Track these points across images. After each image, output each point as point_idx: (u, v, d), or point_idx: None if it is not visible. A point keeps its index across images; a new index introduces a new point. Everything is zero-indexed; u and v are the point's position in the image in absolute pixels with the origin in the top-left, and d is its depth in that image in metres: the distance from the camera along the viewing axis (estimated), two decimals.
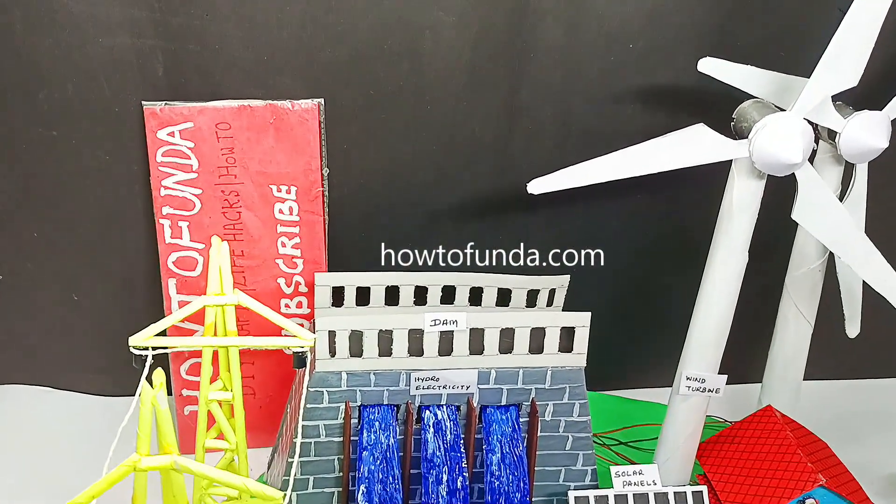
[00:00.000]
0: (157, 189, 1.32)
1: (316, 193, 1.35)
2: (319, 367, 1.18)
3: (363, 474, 1.19)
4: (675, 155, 1.07)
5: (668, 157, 1.07)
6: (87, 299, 1.48)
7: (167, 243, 1.36)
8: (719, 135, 1.09)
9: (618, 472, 1.26)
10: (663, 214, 1.53)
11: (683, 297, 1.52)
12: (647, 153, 1.07)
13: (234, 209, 1.35)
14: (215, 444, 1.21)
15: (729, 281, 1.19)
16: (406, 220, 1.43)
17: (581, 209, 1.49)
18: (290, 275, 1.40)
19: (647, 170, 1.08)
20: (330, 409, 1.20)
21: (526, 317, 1.20)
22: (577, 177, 1.09)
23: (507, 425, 1.27)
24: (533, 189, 1.09)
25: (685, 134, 1.07)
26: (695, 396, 1.24)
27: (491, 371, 1.21)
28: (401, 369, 1.19)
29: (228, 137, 1.31)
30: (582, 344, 1.24)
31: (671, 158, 1.07)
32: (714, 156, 1.08)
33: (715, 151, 1.08)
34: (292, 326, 1.13)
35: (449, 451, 1.21)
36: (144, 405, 0.88)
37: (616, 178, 1.08)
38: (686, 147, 1.07)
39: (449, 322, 1.17)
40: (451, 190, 1.42)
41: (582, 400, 1.28)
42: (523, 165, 1.39)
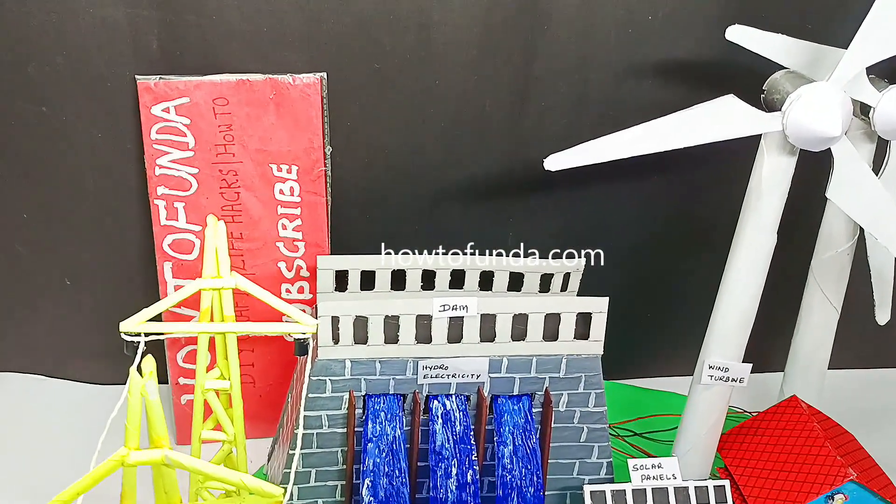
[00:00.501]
0: (152, 168, 1.27)
1: (318, 173, 1.30)
2: (322, 354, 1.13)
3: (368, 467, 1.14)
4: (702, 128, 1.00)
5: (696, 131, 1.00)
6: (79, 284, 1.44)
7: (162, 225, 1.31)
8: (751, 107, 1.01)
9: (636, 466, 1.20)
10: (679, 196, 1.48)
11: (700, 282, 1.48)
12: (673, 127, 1.00)
13: (233, 189, 1.30)
14: (212, 435, 1.16)
15: (756, 264, 1.12)
16: (413, 200, 1.39)
17: (595, 190, 1.44)
18: (292, 258, 1.35)
19: (672, 144, 1.01)
20: (333, 398, 1.16)
21: (540, 302, 1.15)
22: (597, 152, 1.02)
23: (520, 416, 1.21)
24: (550, 165, 1.02)
25: (714, 106, 1.00)
26: (717, 386, 1.19)
27: (503, 359, 1.16)
28: (408, 357, 1.14)
29: (226, 114, 1.25)
30: (599, 331, 1.18)
31: (699, 132, 1.00)
32: (744, 129, 1.01)
33: (746, 125, 1.01)
34: (293, 312, 1.08)
35: (458, 443, 1.16)
36: (133, 395, 0.81)
37: (639, 153, 1.02)
38: (715, 120, 1.00)
39: (459, 307, 1.12)
40: (461, 168, 1.37)
41: (598, 389, 1.22)
42: (536, 142, 1.34)
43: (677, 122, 1.01)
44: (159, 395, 0.82)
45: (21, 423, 1.43)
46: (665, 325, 1.55)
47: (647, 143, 1.02)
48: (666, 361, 1.58)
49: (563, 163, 1.02)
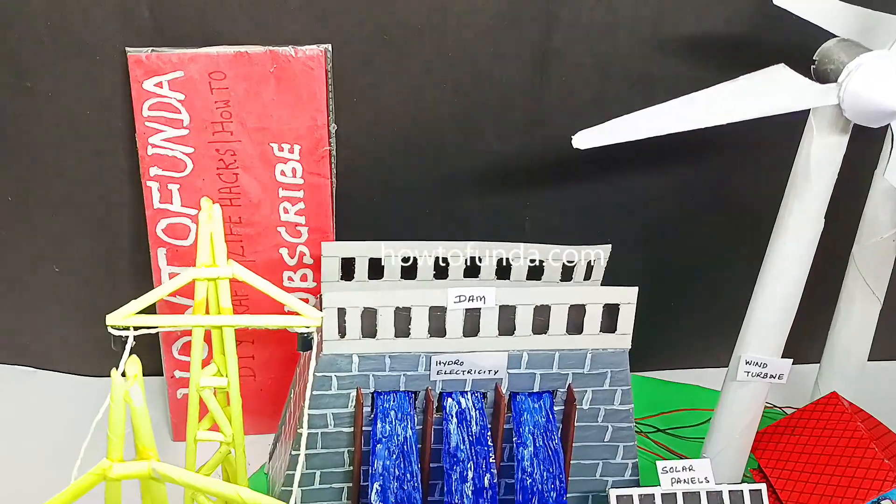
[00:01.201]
0: (144, 147, 1.21)
1: (322, 153, 1.23)
2: (327, 349, 1.07)
3: (377, 470, 1.08)
4: (749, 102, 0.90)
5: (742, 105, 0.90)
6: (68, 271, 1.38)
7: (155, 209, 1.25)
8: (804, 78, 0.91)
9: (665, 468, 1.12)
10: (709, 179, 1.39)
11: (729, 270, 1.43)
12: (717, 100, 0.90)
13: (231, 171, 1.23)
14: (208, 436, 1.06)
15: (801, 251, 1.03)
16: (424, 182, 1.32)
17: (619, 172, 1.35)
18: (294, 244, 1.29)
19: (715, 120, 0.91)
20: (339, 396, 1.09)
21: (563, 292, 1.09)
22: (631, 129, 0.92)
23: (541, 415, 1.13)
24: (579, 143, 0.92)
25: (762, 76, 0.90)
26: (754, 383, 1.11)
27: (522, 354, 1.09)
28: (420, 352, 1.08)
29: (223, 89, 1.19)
30: (627, 323, 1.10)
31: (745, 106, 0.89)
32: (796, 103, 0.91)
33: (798, 98, 0.91)
34: (296, 303, 0.98)
35: (474, 444, 1.09)
36: (115, 402, 0.71)
37: (677, 129, 0.92)
38: (763, 92, 0.89)
39: (475, 298, 1.05)
40: (475, 147, 1.30)
41: (625, 386, 1.14)
42: (556, 119, 1.27)
43: (721, 95, 0.91)
44: (145, 401, 0.72)
45: (5, 417, 1.38)
46: (690, 314, 1.48)
47: (687, 119, 0.92)
48: (691, 353, 1.52)
49: (593, 140, 0.92)
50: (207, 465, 1.09)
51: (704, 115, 0.92)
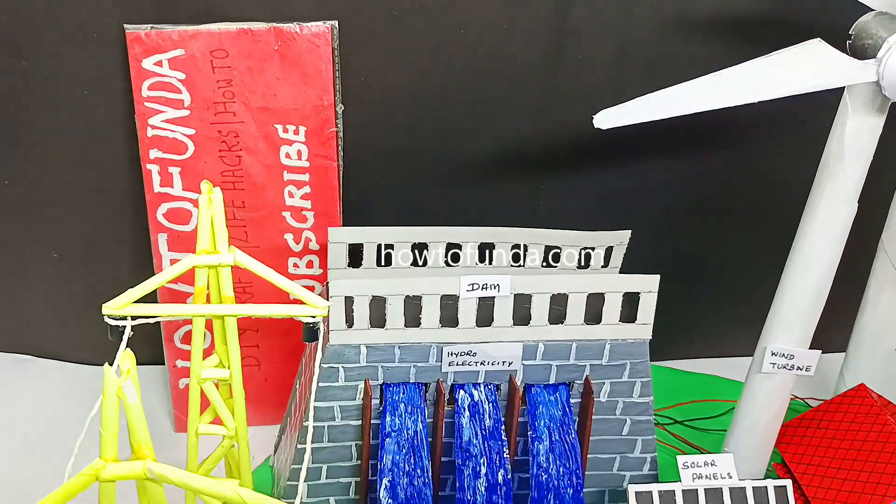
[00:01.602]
0: (144, 129, 1.17)
1: (329, 134, 1.19)
2: (334, 339, 1.03)
3: (386, 465, 1.04)
4: (783, 78, 0.84)
5: (774, 82, 0.84)
6: (67, 257, 1.34)
7: (156, 192, 1.21)
8: (841, 53, 0.85)
9: (686, 463, 1.07)
10: (730, 163, 1.33)
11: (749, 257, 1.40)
12: (747, 77, 0.85)
13: (233, 153, 1.19)
14: (210, 429, 1.02)
15: (832, 237, 0.98)
16: (435, 165, 1.27)
17: (637, 155, 1.30)
18: (299, 230, 1.25)
19: (745, 98, 0.86)
20: (346, 388, 1.06)
21: (581, 280, 1.03)
22: (655, 108, 0.87)
23: (557, 408, 1.08)
24: (600, 123, 0.88)
25: (797, 52, 0.84)
26: (780, 375, 1.07)
27: (538, 344, 1.05)
28: (431, 342, 1.04)
29: (226, 67, 1.15)
30: (648, 313, 1.05)
31: (778, 83, 0.84)
32: (833, 80, 0.85)
33: (835, 74, 0.85)
34: (301, 292, 0.93)
35: (488, 438, 1.05)
36: (108, 398, 0.66)
37: (705, 108, 0.87)
38: (799, 68, 0.84)
39: (489, 286, 1.01)
40: (488, 129, 1.25)
41: (644, 378, 1.09)
42: (572, 100, 1.23)
43: (752, 72, 0.85)
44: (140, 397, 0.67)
45: (3, 406, 1.34)
46: (709, 302, 1.44)
47: (715, 97, 0.86)
48: (709, 341, 1.47)
49: (614, 120, 0.88)
50: (210, 460, 1.04)
51: (734, 92, 0.87)
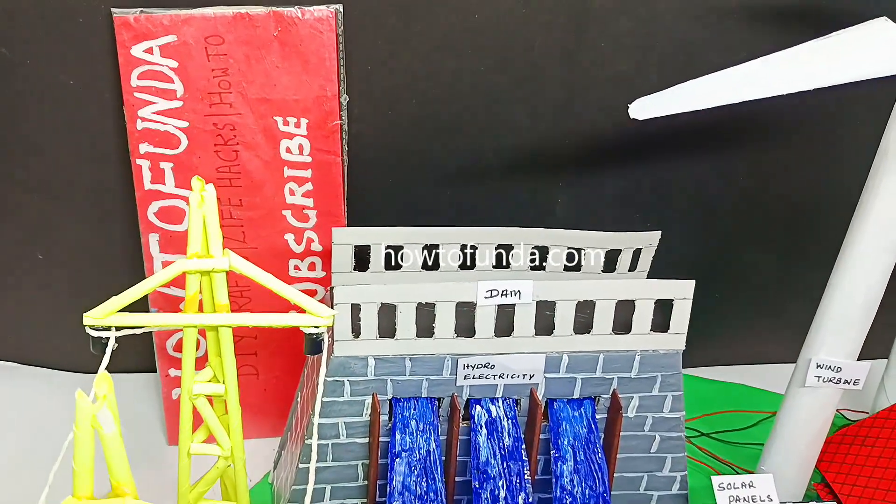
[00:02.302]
0: (133, 121, 1.13)
1: (332, 127, 1.14)
2: (339, 350, 0.98)
3: (396, 487, 0.99)
4: (842, 63, 0.76)
5: (835, 67, 0.76)
6: (53, 259, 1.29)
7: (146, 190, 1.16)
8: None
9: (722, 484, 1.03)
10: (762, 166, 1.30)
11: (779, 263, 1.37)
12: (800, 62, 0.77)
13: (230, 147, 1.15)
14: (204, 449, 0.94)
15: (887, 239, 0.89)
16: (446, 160, 1.22)
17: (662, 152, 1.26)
18: (301, 230, 1.20)
19: (797, 85, 0.79)
20: (353, 403, 1.00)
21: (610, 286, 0.98)
22: (696, 96, 0.81)
23: (582, 424, 1.02)
24: (636, 113, 0.83)
25: (858, 33, 0.76)
26: (825, 389, 1.01)
27: (562, 356, 1.00)
28: (445, 353, 0.99)
29: (221, 55, 1.10)
30: (682, 321, 1.01)
31: (839, 68, 0.76)
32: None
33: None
34: (304, 300, 0.87)
35: (507, 458, 1.00)
36: (81, 429, 0.57)
37: (754, 97, 0.81)
38: (860, 52, 0.75)
39: (509, 293, 0.96)
40: (503, 123, 1.20)
41: (676, 392, 1.04)
42: (593, 92, 1.18)
43: (806, 56, 0.77)
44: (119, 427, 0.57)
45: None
46: (737, 308, 1.40)
47: (766, 84, 0.80)
48: (738, 348, 1.43)
49: (653, 109, 0.82)
50: (203, 481, 0.97)
51: (786, 79, 0.80)
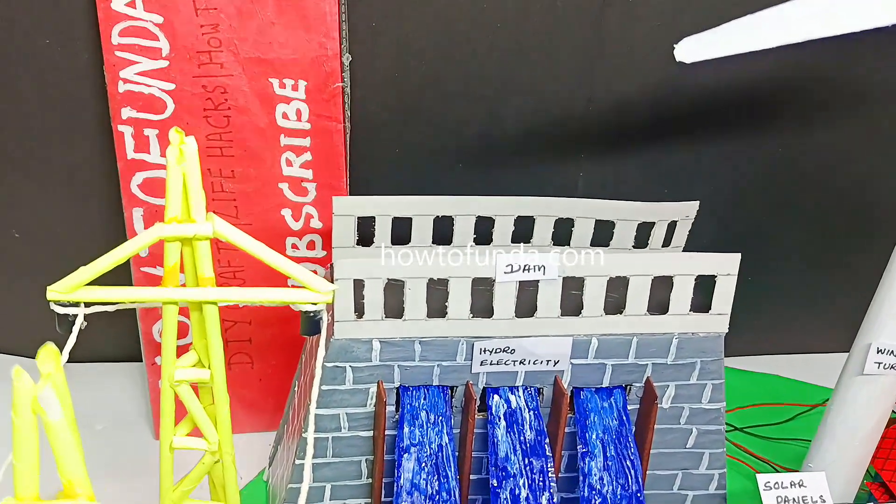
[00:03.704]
0: (114, 83, 1.06)
1: (333, 91, 1.07)
2: (340, 332, 0.90)
3: (404, 486, 0.90)
4: None
5: None
6: (29, 236, 1.23)
7: (129, 159, 1.10)
8: None
9: (768, 483, 0.92)
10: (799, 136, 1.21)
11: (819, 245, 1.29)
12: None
13: (221, 112, 1.08)
14: (188, 443, 0.84)
15: None
16: (458, 128, 1.15)
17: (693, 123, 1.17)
18: (299, 204, 1.13)
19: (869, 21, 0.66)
20: (355, 392, 0.92)
21: (646, 260, 0.88)
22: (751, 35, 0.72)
23: (612, 416, 0.94)
24: (683, 55, 0.76)
25: None
26: (886, 377, 0.91)
27: (591, 339, 0.91)
28: (459, 336, 0.91)
29: (211, 10, 1.04)
30: (725, 300, 0.91)
31: None
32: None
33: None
34: (300, 272, 0.76)
35: (528, 453, 0.90)
36: (20, 415, 0.46)
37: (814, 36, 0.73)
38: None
39: (532, 268, 0.87)
40: (521, 87, 1.13)
41: (717, 380, 0.94)
42: (620, 52, 1.12)
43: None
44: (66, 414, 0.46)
45: None
46: (773, 293, 1.32)
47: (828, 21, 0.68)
48: (773, 337, 1.37)
49: (701, 51, 0.74)
50: (188, 479, 0.87)
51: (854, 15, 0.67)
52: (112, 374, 1.29)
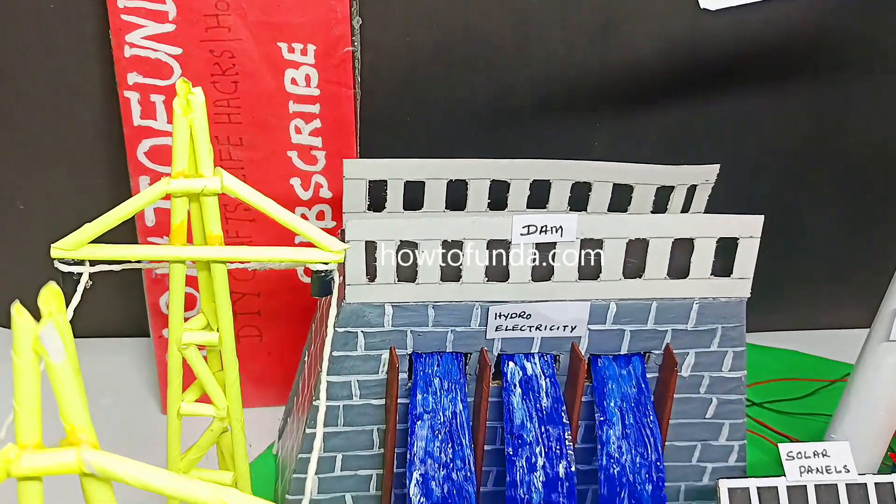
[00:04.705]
0: (120, 48, 1.03)
1: (343, 55, 1.04)
2: (352, 296, 0.85)
3: (417, 454, 0.86)
4: None
5: None
6: (35, 208, 1.20)
7: (135, 126, 1.06)
8: None
9: (791, 453, 0.90)
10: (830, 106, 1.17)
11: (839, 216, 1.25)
12: None
13: (228, 77, 1.04)
14: (196, 409, 0.81)
15: None
16: (471, 95, 1.13)
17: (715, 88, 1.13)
18: (308, 173, 1.09)
19: None
20: (367, 358, 0.88)
21: (666, 222, 0.84)
22: None
23: (630, 384, 0.90)
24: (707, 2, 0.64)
25: None
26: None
27: (609, 304, 0.87)
28: (474, 301, 0.86)
29: None
30: (747, 264, 0.87)
31: None
32: None
33: None
34: (311, 230, 0.73)
35: (545, 421, 0.86)
36: (21, 355, 0.43)
37: None
38: None
39: (549, 229, 0.83)
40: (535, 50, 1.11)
41: (738, 347, 0.90)
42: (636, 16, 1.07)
43: None
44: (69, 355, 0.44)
45: None
46: (792, 267, 1.27)
47: None
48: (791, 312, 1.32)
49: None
50: (196, 447, 0.85)
51: None
52: (120, 350, 1.26)
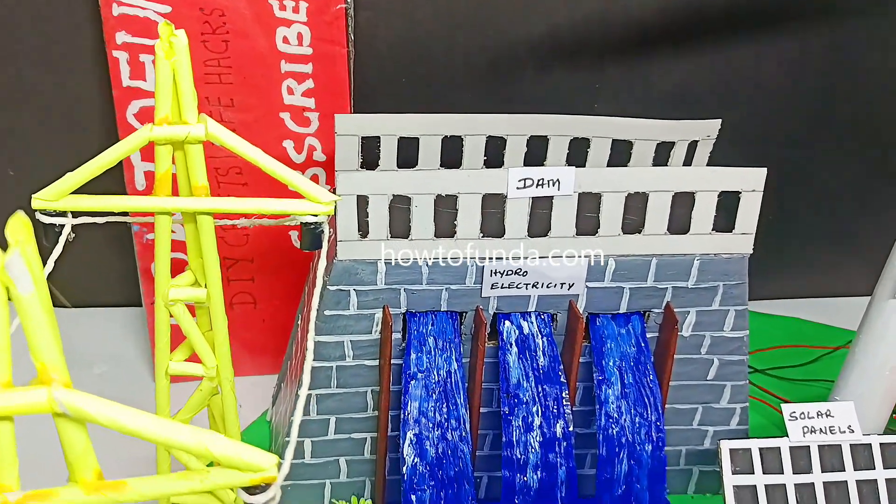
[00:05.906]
0: (108, 6, 1.00)
1: (336, 12, 1.01)
2: (343, 252, 0.83)
3: (411, 415, 0.84)
4: None
5: None
6: (25, 175, 1.16)
7: (125, 87, 1.04)
8: None
9: (794, 413, 0.86)
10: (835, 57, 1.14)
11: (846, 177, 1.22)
12: None
13: (218, 36, 1.02)
14: (184, 368, 0.79)
15: None
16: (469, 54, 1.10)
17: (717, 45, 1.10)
18: (301, 135, 1.07)
19: None
20: (360, 318, 0.86)
21: (666, 175, 0.82)
22: None
23: (629, 343, 0.88)
24: None
25: None
26: None
27: (608, 261, 0.85)
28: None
29: None
30: (749, 219, 0.84)
31: None
32: None
33: None
34: (300, 180, 0.71)
35: (542, 381, 0.85)
36: None
37: None
38: None
39: (546, 182, 0.80)
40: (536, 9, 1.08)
41: (740, 305, 0.88)
42: None
43: None
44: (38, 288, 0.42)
45: None
46: (796, 231, 1.25)
47: None
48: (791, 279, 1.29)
49: None
50: (186, 408, 0.83)
51: None
52: (113, 319, 1.24)
